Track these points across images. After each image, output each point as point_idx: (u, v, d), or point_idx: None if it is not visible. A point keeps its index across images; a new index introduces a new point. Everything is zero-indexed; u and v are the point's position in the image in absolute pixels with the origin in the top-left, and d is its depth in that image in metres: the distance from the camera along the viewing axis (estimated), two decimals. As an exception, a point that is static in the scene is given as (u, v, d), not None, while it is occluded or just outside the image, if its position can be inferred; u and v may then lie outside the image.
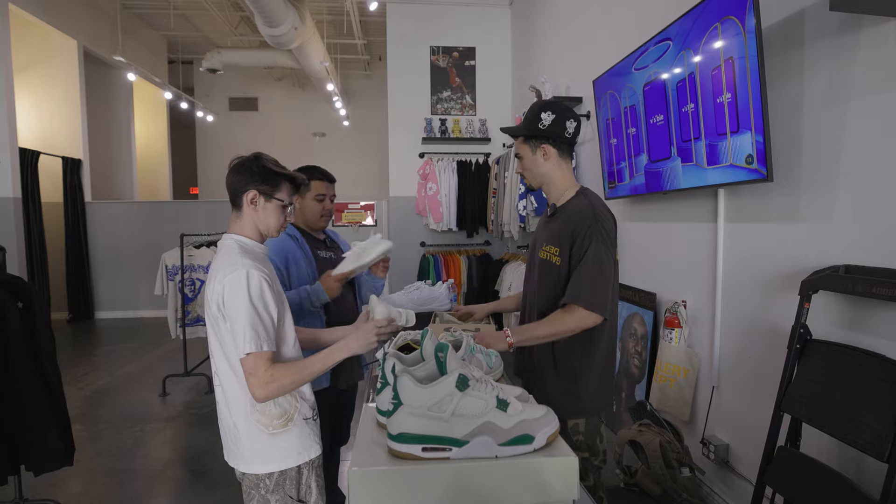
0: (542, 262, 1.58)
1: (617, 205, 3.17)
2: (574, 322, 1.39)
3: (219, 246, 1.41)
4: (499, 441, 0.75)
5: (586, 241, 1.43)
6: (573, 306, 1.39)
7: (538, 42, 4.90)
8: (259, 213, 1.37)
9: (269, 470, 1.36)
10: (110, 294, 7.01)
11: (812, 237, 1.78)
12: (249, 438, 1.35)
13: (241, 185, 1.35)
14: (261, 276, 1.28)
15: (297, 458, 1.38)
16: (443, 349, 0.78)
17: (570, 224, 1.48)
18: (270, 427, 1.34)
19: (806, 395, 1.61)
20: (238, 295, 1.25)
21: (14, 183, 5.68)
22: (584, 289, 1.38)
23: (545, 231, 1.61)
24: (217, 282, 1.29)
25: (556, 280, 1.50)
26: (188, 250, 4.27)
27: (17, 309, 1.98)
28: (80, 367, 4.77)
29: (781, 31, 1.86)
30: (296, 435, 1.37)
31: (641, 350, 2.88)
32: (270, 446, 1.35)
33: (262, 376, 1.23)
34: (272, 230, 1.41)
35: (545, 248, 1.56)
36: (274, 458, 1.36)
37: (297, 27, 5.68)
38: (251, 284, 1.25)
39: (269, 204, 1.37)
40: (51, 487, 2.61)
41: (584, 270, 1.40)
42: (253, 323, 1.24)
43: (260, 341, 1.24)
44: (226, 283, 1.26)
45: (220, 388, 1.39)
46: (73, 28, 6.66)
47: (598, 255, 1.41)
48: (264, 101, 10.51)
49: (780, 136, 1.86)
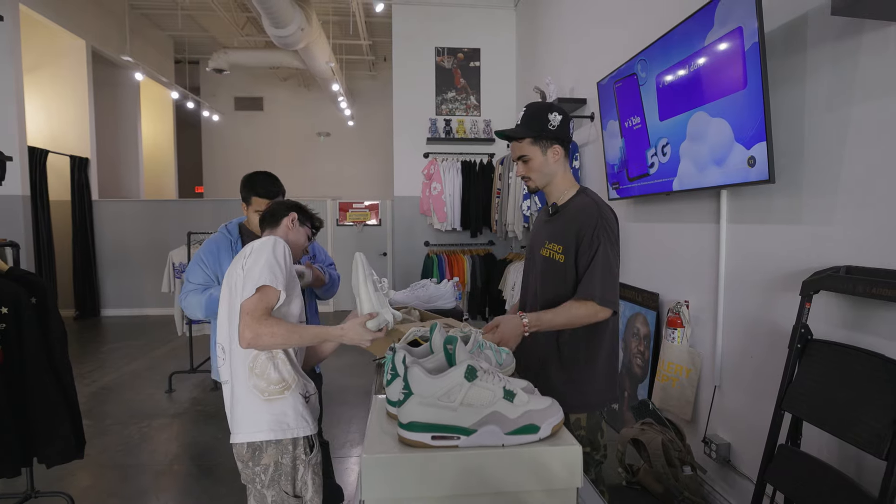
0: (544, 259, 1.60)
1: (620, 205, 3.19)
2: (586, 314, 1.45)
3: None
4: (505, 430, 0.78)
5: (595, 240, 1.46)
6: (584, 301, 1.45)
7: (543, 43, 4.93)
8: (292, 231, 1.67)
9: (260, 438, 1.38)
10: (116, 291, 7.08)
11: (813, 238, 1.81)
12: (244, 404, 1.39)
13: (284, 210, 1.67)
14: (286, 247, 1.44)
15: (288, 431, 1.40)
16: (452, 341, 0.81)
17: (576, 223, 1.51)
18: (266, 392, 1.38)
19: (807, 394, 1.63)
20: (262, 250, 1.39)
21: (23, 181, 5.74)
22: (597, 286, 1.44)
23: (546, 229, 1.63)
24: (246, 250, 1.44)
25: (560, 277, 1.53)
26: (195, 248, 4.32)
27: (31, 304, 2.02)
28: (87, 363, 4.82)
29: (784, 34, 1.88)
30: (290, 406, 1.40)
31: (644, 350, 2.91)
32: (264, 411, 1.38)
33: (256, 317, 1.30)
34: (299, 247, 1.69)
35: (548, 245, 1.59)
36: (265, 426, 1.38)
37: (304, 28, 5.73)
38: (276, 246, 1.41)
39: (302, 228, 1.71)
40: (60, 480, 2.65)
41: (596, 269, 1.45)
42: (271, 266, 1.35)
43: (273, 278, 1.34)
44: (255, 244, 1.43)
45: (227, 363, 1.43)
46: (81, 28, 6.73)
47: (607, 254, 1.46)
48: (270, 100, 10.57)
49: (783, 139, 1.89)
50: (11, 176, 5.61)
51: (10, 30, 5.52)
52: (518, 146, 1.60)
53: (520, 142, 1.58)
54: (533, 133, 1.56)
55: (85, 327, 6.39)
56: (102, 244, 7.03)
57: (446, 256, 5.76)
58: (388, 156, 6.98)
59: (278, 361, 1.40)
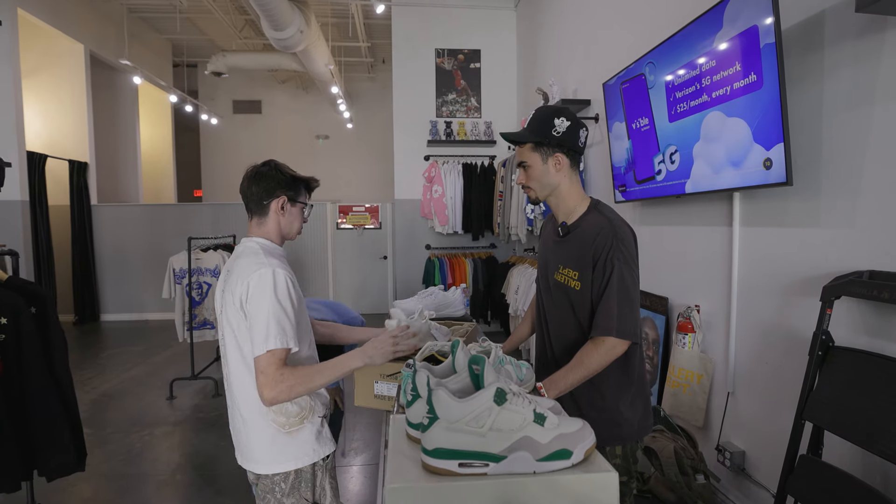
0: (557, 284, 1.49)
1: (627, 208, 3.15)
2: (605, 355, 1.32)
3: (239, 249, 1.42)
4: (537, 456, 0.74)
5: (608, 265, 1.34)
6: (602, 338, 1.33)
7: (544, 44, 4.89)
8: (286, 217, 1.42)
9: (286, 469, 1.35)
10: (116, 296, 7.02)
11: (833, 242, 1.76)
12: (265, 439, 1.34)
13: (269, 193, 1.39)
14: (286, 276, 1.30)
15: (313, 455, 1.38)
16: (478, 362, 0.77)
17: (590, 246, 1.38)
18: (286, 426, 1.34)
19: (829, 403, 1.59)
20: (264, 292, 1.26)
21: (22, 186, 5.70)
22: (613, 319, 1.32)
23: (558, 252, 1.50)
24: (241, 282, 1.29)
25: (575, 304, 1.43)
26: (195, 254, 4.27)
27: (31, 314, 1.97)
28: (87, 370, 4.77)
29: (800, 33, 1.84)
30: (311, 432, 1.37)
31: (653, 355, 2.86)
32: (287, 445, 1.35)
33: (273, 375, 1.22)
34: (294, 232, 1.46)
35: (561, 270, 1.47)
36: (290, 457, 1.35)
37: (303, 30, 5.69)
38: (277, 282, 1.27)
39: (294, 208, 1.44)
40: (61, 493, 2.60)
41: (611, 299, 1.33)
42: (278, 318, 1.24)
43: (285, 337, 1.24)
44: (251, 281, 1.28)
45: (232, 391, 1.38)
46: (79, 32, 6.68)
47: (622, 279, 1.34)
48: (268, 103, 10.52)
49: (800, 140, 1.85)
50: (10, 181, 5.56)
51: (9, 34, 5.47)
52: (519, 151, 1.47)
53: (522, 146, 1.46)
54: (535, 138, 1.42)
55: (84, 332, 6.33)
56: (102, 249, 6.98)
57: (448, 260, 5.72)
58: (388, 158, 6.94)
59: None
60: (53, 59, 6.76)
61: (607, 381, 1.42)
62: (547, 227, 1.63)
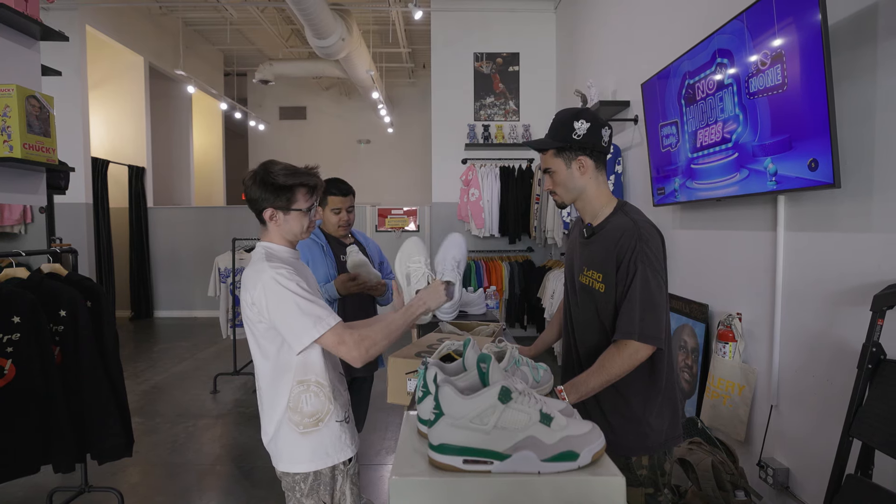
0: (582, 286, 1.47)
1: (666, 212, 3.05)
2: (628, 360, 1.28)
3: (251, 254, 1.47)
4: (542, 457, 0.73)
5: (632, 267, 1.31)
6: (624, 342, 1.29)
7: (584, 45, 4.82)
8: (283, 226, 1.40)
9: (301, 470, 1.39)
10: (168, 294, 7.43)
11: (886, 247, 1.65)
12: (283, 436, 1.39)
13: (258, 204, 1.38)
14: (285, 269, 1.32)
15: (328, 459, 1.40)
16: (485, 360, 0.77)
17: (615, 247, 1.35)
18: (301, 426, 1.37)
19: (879, 419, 1.48)
20: (276, 294, 1.28)
21: (86, 189, 6.14)
22: (635, 323, 1.28)
23: (583, 253, 1.48)
24: (248, 291, 1.34)
25: (599, 307, 1.40)
26: (239, 254, 4.45)
27: (87, 308, 2.12)
28: (140, 362, 5.06)
29: (849, 27, 1.74)
30: (326, 436, 1.40)
31: (692, 364, 2.75)
32: (301, 445, 1.38)
33: (349, 340, 1.27)
34: (298, 236, 1.44)
35: (586, 272, 1.45)
36: (305, 458, 1.39)
37: (345, 38, 5.85)
38: (279, 280, 1.29)
39: (289, 216, 1.39)
40: (112, 476, 2.77)
41: (633, 302, 1.30)
42: (307, 309, 1.27)
43: (324, 310, 1.29)
44: (257, 290, 1.31)
45: (260, 389, 1.44)
46: (140, 45, 7.14)
47: (646, 281, 1.30)
48: (312, 109, 10.87)
49: (849, 139, 1.74)
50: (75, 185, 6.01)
51: (78, 49, 5.92)
52: (543, 158, 1.46)
53: (545, 153, 1.44)
54: (556, 144, 1.40)
55: (139, 328, 6.73)
56: (156, 248, 7.40)
57: (484, 263, 5.71)
58: (426, 162, 7.01)
59: (310, 395, 1.38)
60: (117, 71, 7.26)
61: (632, 388, 1.38)
62: (574, 230, 1.61)
